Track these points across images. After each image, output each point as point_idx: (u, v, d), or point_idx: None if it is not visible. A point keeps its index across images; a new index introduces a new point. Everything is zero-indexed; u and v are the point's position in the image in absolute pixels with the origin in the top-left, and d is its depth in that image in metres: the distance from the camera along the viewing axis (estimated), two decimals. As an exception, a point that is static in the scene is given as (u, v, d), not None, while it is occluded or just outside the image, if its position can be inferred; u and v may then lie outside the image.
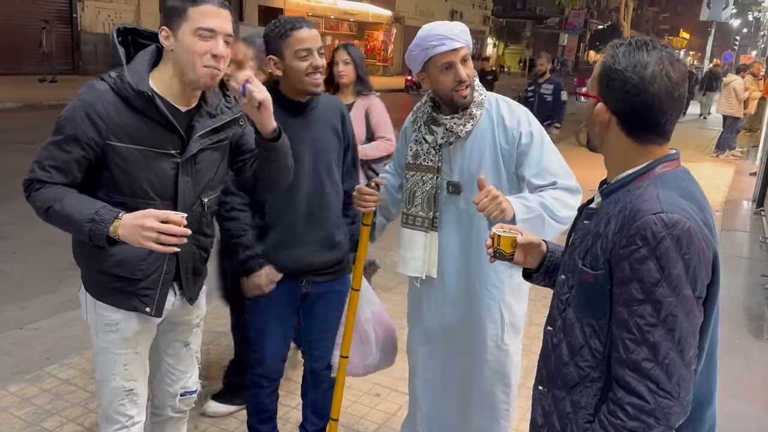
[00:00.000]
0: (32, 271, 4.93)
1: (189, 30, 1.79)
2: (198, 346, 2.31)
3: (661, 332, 1.23)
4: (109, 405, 2.06)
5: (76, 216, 1.78)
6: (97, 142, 1.81)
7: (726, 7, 23.67)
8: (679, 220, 1.23)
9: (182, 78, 1.85)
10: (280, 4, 25.16)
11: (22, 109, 12.53)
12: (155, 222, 1.70)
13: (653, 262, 1.23)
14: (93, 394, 3.23)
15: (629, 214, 1.27)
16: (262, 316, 2.51)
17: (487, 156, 2.22)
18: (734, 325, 4.56)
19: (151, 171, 1.87)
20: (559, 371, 1.42)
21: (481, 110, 2.23)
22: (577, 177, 2.22)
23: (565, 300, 1.43)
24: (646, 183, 1.32)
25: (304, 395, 2.83)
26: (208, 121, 1.95)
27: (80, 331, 3.84)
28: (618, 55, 1.32)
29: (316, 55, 2.27)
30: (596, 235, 1.35)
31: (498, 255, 1.68)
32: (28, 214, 2.32)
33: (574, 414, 1.39)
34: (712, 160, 12.47)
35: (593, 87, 1.38)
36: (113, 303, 1.97)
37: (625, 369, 1.26)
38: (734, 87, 12.80)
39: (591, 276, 1.34)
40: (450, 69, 2.14)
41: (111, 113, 1.80)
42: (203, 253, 2.14)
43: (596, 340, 1.35)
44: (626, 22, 22.68)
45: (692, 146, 13.78)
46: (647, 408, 1.24)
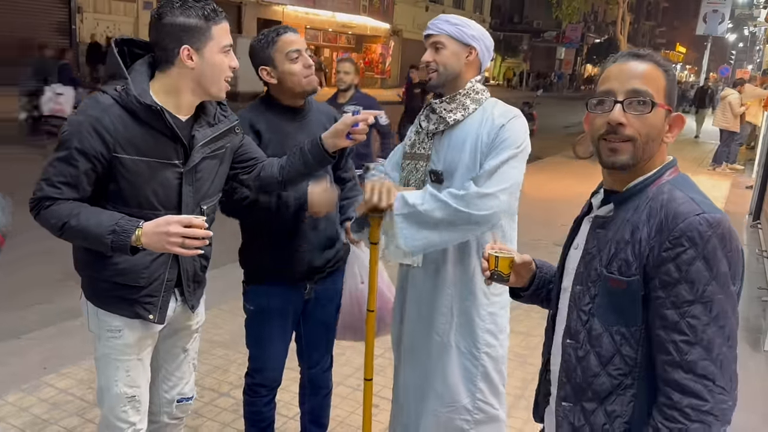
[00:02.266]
0: (30, 281, 4.93)
1: (216, 48, 1.88)
2: (195, 353, 2.33)
3: (714, 329, 1.25)
4: (111, 412, 2.06)
5: (94, 229, 1.80)
6: (105, 155, 1.83)
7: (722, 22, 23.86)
8: (721, 219, 1.28)
9: (203, 92, 1.93)
10: (278, 17, 25.30)
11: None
12: (180, 228, 1.76)
13: (701, 262, 1.25)
14: (90, 403, 3.22)
15: (667, 217, 1.29)
16: (263, 324, 2.51)
17: (467, 148, 2.21)
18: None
19: (156, 181, 1.91)
20: (590, 383, 1.40)
21: (477, 106, 2.26)
22: (573, 189, 2.23)
23: (587, 310, 1.41)
24: (666, 187, 1.35)
25: (302, 404, 2.82)
26: (208, 131, 1.98)
27: (77, 341, 3.83)
28: (670, 66, 1.41)
29: (305, 55, 2.35)
30: (622, 242, 1.35)
31: (496, 277, 1.65)
32: (26, 225, 2.33)
33: (610, 424, 1.38)
34: (709, 173, 12.53)
35: (660, 98, 1.36)
36: (116, 311, 1.99)
37: (679, 371, 1.26)
38: (730, 101, 12.87)
39: (623, 282, 1.33)
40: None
41: (118, 126, 1.82)
42: (203, 261, 2.16)
43: (627, 347, 1.35)
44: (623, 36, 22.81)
45: (688, 159, 13.86)
46: (706, 407, 1.25)
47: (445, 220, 2.13)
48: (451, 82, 2.25)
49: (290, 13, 26.41)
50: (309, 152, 2.13)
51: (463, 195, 2.11)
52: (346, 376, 3.69)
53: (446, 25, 2.22)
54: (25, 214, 1.93)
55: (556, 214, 6.47)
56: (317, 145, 2.12)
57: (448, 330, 2.32)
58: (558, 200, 8.13)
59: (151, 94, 1.87)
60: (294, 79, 2.33)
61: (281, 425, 3.15)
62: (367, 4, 30.83)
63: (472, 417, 2.34)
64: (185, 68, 1.87)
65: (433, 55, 2.23)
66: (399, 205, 2.15)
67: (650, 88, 1.35)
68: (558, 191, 8.84)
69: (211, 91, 1.94)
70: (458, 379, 2.33)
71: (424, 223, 2.14)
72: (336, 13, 29.10)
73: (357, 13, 30.18)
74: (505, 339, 2.39)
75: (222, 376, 3.61)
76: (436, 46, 2.23)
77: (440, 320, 2.32)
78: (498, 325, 2.34)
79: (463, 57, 2.23)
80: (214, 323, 3.85)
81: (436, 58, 2.23)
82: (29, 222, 2.06)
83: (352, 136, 2.09)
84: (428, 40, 2.25)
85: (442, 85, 2.25)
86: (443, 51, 2.22)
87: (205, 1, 1.87)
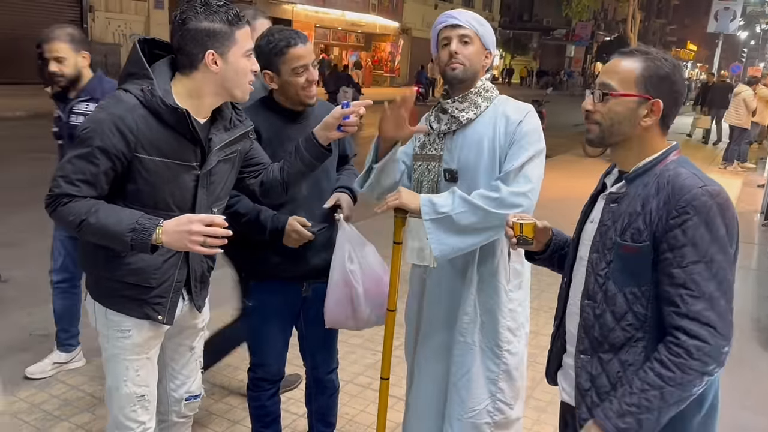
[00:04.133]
0: (41, 278, 4.95)
1: (240, 53, 1.89)
2: (201, 351, 2.34)
3: (714, 284, 1.46)
4: (120, 411, 2.07)
5: (113, 228, 1.79)
6: (126, 154, 1.82)
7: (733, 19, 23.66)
8: (720, 190, 1.49)
9: (228, 95, 1.95)
10: (288, 15, 25.33)
11: (33, 118, 12.65)
12: (202, 226, 1.79)
13: (704, 227, 1.46)
14: (101, 400, 3.24)
15: (673, 190, 1.50)
16: (262, 320, 2.52)
17: (485, 146, 2.21)
18: (742, 337, 4.53)
19: (175, 183, 1.92)
20: (606, 336, 1.61)
21: (489, 104, 2.25)
22: (584, 187, 2.22)
23: (603, 274, 1.61)
24: (671, 166, 1.57)
25: (308, 403, 2.83)
26: (225, 135, 2.00)
27: (88, 338, 3.85)
28: (661, 60, 1.58)
29: (311, 69, 2.33)
30: (634, 214, 1.55)
31: (522, 242, 1.84)
32: (39, 223, 2.35)
33: (623, 372, 1.58)
34: (720, 172, 12.42)
35: (630, 88, 1.58)
36: (124, 311, 1.99)
37: (685, 319, 1.46)
38: (744, 97, 12.76)
39: (636, 248, 1.54)
40: (447, 45, 2.23)
41: (141, 127, 1.82)
42: (210, 262, 2.18)
43: (638, 305, 1.56)
44: (633, 33, 22.68)
45: (699, 158, 13.75)
46: (707, 348, 1.44)
47: (477, 223, 2.12)
48: (469, 81, 2.25)
49: (300, 12, 26.44)
50: (305, 149, 2.15)
51: (496, 198, 2.11)
52: (356, 374, 3.69)
53: (476, 23, 2.22)
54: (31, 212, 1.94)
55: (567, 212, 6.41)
56: (311, 141, 2.13)
57: (473, 330, 2.31)
58: (568, 199, 8.06)
59: (173, 96, 1.88)
60: (293, 90, 2.33)
61: (290, 423, 3.16)
62: (376, 2, 30.82)
63: (492, 419, 2.34)
64: (209, 72, 1.88)
65: (462, 48, 2.21)
66: (428, 210, 2.14)
67: (614, 81, 1.59)
68: (568, 190, 8.78)
69: (235, 95, 1.95)
70: (481, 381, 2.32)
71: (455, 228, 2.13)
72: (345, 12, 29.12)
73: (366, 11, 30.19)
74: (524, 336, 2.39)
75: (233, 373, 3.63)
76: (464, 40, 2.21)
77: (464, 320, 2.31)
78: (516, 321, 2.34)
79: (482, 59, 2.25)
80: (225, 321, 3.86)
81: (464, 51, 2.21)
82: (35, 220, 2.05)
83: (344, 129, 2.09)
84: (454, 30, 2.21)
85: (465, 79, 2.23)
86: (470, 47, 2.21)
87: (228, 5, 1.88)
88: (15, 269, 5.01)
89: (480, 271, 2.29)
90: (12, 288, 4.73)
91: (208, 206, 2.02)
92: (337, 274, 2.39)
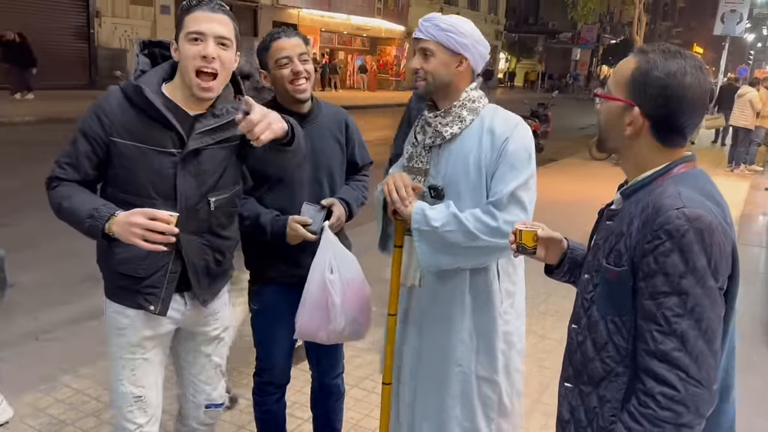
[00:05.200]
0: (48, 282, 4.98)
1: (183, 36, 1.88)
2: (222, 359, 2.32)
3: (689, 322, 1.27)
4: (119, 411, 2.10)
5: (78, 213, 1.86)
6: (102, 137, 1.89)
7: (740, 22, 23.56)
8: (700, 214, 1.29)
9: (184, 83, 1.92)
10: (294, 20, 25.40)
11: (42, 122, 12.71)
12: (142, 219, 1.75)
13: (677, 254, 1.27)
14: (106, 404, 3.24)
15: (651, 210, 1.33)
16: (266, 323, 2.51)
17: (470, 163, 2.10)
18: (752, 341, 4.49)
19: (151, 168, 1.91)
20: (585, 367, 1.47)
21: (474, 116, 2.14)
22: (591, 192, 2.19)
23: (589, 298, 1.47)
24: (667, 182, 1.38)
25: (313, 408, 2.82)
26: (210, 121, 1.97)
27: (94, 342, 3.86)
28: (655, 61, 1.37)
29: (296, 61, 2.30)
30: (619, 234, 1.40)
31: (521, 249, 1.75)
32: (46, 227, 2.35)
33: (600, 408, 1.44)
34: (727, 174, 12.38)
35: (620, 91, 1.42)
36: (121, 301, 2.02)
37: (654, 360, 1.30)
38: (750, 98, 12.72)
39: (615, 273, 1.38)
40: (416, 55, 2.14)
41: (116, 110, 1.89)
42: (217, 255, 2.11)
43: (619, 337, 1.40)
44: (639, 36, 22.62)
45: (706, 161, 13.70)
46: (678, 397, 1.27)
47: (463, 243, 2.04)
48: (442, 92, 2.13)
49: (305, 16, 26.51)
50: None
51: (493, 226, 2.02)
52: (361, 379, 3.68)
53: (436, 30, 2.07)
54: (43, 216, 1.96)
55: (573, 217, 6.41)
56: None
57: (470, 357, 2.21)
58: (575, 203, 8.03)
59: (162, 88, 1.93)
60: (281, 83, 2.31)
61: (295, 428, 3.15)
62: (381, 6, 30.87)
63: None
64: (178, 62, 1.92)
65: (422, 62, 2.09)
66: (419, 219, 2.07)
67: (611, 82, 1.45)
68: (574, 193, 8.74)
69: (186, 81, 1.90)
70: (478, 409, 2.24)
71: (440, 245, 2.06)
72: (351, 16, 29.16)
73: (372, 15, 30.22)
74: (516, 354, 2.30)
75: (237, 377, 3.62)
76: (425, 53, 2.08)
77: (460, 348, 2.20)
78: (509, 343, 2.27)
79: (453, 67, 2.09)
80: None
81: (424, 65, 2.09)
82: (46, 224, 2.08)
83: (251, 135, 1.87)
84: (417, 43, 2.11)
85: (429, 94, 2.14)
86: (432, 59, 2.08)
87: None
88: (22, 274, 5.01)
89: (473, 296, 2.20)
90: (19, 292, 4.72)
91: (201, 195, 1.99)
92: (314, 283, 2.31)
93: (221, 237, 2.10)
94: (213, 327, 2.22)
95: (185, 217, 1.92)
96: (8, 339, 3.97)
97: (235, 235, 2.19)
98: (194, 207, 1.98)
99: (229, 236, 2.14)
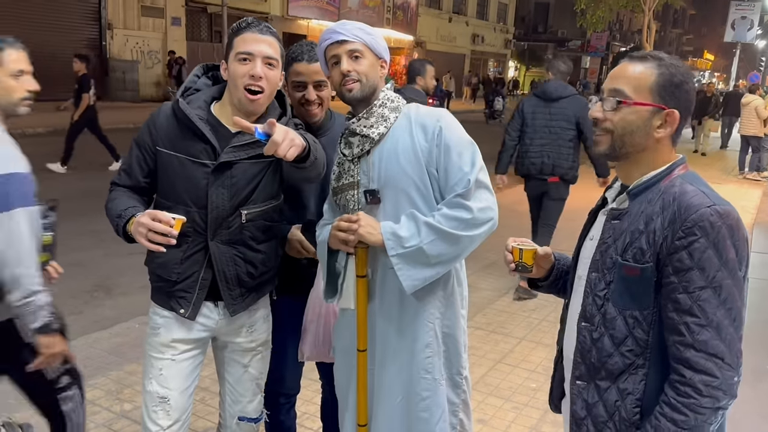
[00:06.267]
0: (59, 292, 4.98)
1: (233, 57, 1.99)
2: (260, 373, 2.32)
3: (723, 312, 1.36)
4: (145, 409, 2.14)
5: (112, 213, 2.02)
6: (150, 147, 2.06)
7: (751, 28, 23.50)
8: (729, 210, 1.39)
9: (233, 101, 2.03)
10: (303, 31, 25.59)
11: (52, 134, 12.84)
12: (147, 219, 1.85)
13: (712, 250, 1.36)
14: (118, 414, 3.26)
15: (677, 209, 1.40)
16: (276, 334, 2.51)
17: (403, 156, 2.03)
18: (763, 348, 4.44)
19: (186, 178, 2.03)
20: (603, 363, 1.51)
21: (398, 114, 2.09)
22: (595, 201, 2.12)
23: (602, 295, 1.52)
24: (677, 182, 1.46)
25: (324, 418, 2.81)
26: (246, 137, 2.02)
27: (105, 352, 3.88)
28: (675, 66, 1.48)
29: (310, 89, 2.31)
30: (636, 232, 1.46)
31: (520, 268, 1.76)
32: (57, 238, 2.37)
33: (621, 401, 1.49)
34: (738, 182, 12.27)
35: (644, 96, 1.47)
36: (157, 302, 2.15)
37: (690, 350, 1.37)
38: (756, 106, 12.65)
39: (637, 269, 1.44)
40: (337, 64, 2.04)
41: (163, 123, 2.05)
42: (250, 267, 2.12)
43: (640, 330, 1.46)
44: (649, 44, 22.57)
45: (716, 168, 13.61)
46: (716, 383, 1.36)
47: (448, 249, 1.96)
48: (368, 97, 2.07)
49: (315, 28, 26.68)
50: None
51: (468, 218, 1.95)
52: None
53: (362, 33, 2.03)
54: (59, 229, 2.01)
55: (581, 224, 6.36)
56: None
57: (437, 362, 2.11)
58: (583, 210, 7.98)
59: (211, 106, 2.08)
60: (294, 103, 2.33)
61: (305, 438, 3.14)
62: (390, 16, 31.03)
63: None
64: (228, 81, 2.04)
65: (353, 64, 2.01)
66: (393, 245, 1.95)
67: (627, 88, 1.48)
68: (583, 201, 8.68)
69: (235, 98, 2.02)
70: (447, 416, 2.14)
71: (425, 260, 1.96)
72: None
73: (381, 25, 30.37)
74: (465, 354, 2.22)
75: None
76: (355, 55, 2.02)
77: (426, 353, 2.09)
78: (467, 342, 2.21)
79: (378, 69, 2.08)
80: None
81: (356, 67, 2.01)
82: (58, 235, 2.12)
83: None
84: (341, 46, 2.01)
85: (364, 97, 2.05)
86: (363, 61, 2.03)
87: (248, 20, 2.01)
88: (34, 284, 5.05)
89: (441, 301, 2.11)
90: (30, 302, 4.76)
91: (233, 207, 2.04)
92: (314, 311, 2.33)
93: (254, 250, 2.13)
94: (247, 339, 2.24)
95: (216, 226, 2.03)
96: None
97: (270, 251, 2.18)
98: (226, 218, 2.04)
99: (263, 250, 2.16)
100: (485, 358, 4.16)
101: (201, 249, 2.06)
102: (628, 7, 26.04)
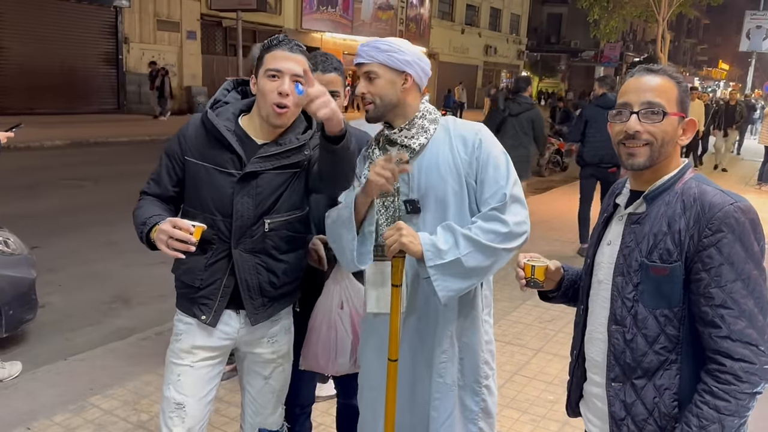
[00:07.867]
0: (78, 303, 5.05)
1: (263, 73, 2.03)
2: (280, 386, 2.32)
3: (752, 301, 1.45)
4: (162, 415, 2.15)
5: (137, 220, 2.05)
6: (179, 156, 2.12)
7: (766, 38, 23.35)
8: (750, 206, 1.48)
9: (260, 114, 2.07)
10: (317, 43, 25.75)
11: (69, 147, 13.00)
12: (168, 226, 1.90)
13: (739, 244, 1.44)
14: (134, 425, 3.27)
15: (703, 208, 1.48)
16: (294, 346, 2.51)
17: (444, 167, 2.07)
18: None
19: (212, 187, 2.07)
20: (639, 362, 1.57)
21: (436, 126, 2.14)
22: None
23: (631, 297, 1.58)
24: (692, 183, 1.55)
25: (339, 429, 2.80)
26: (272, 148, 2.08)
27: (123, 363, 3.91)
28: (681, 77, 1.59)
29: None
30: (660, 234, 1.53)
31: (532, 284, 1.82)
32: (76, 249, 2.40)
33: (659, 397, 1.56)
34: (756, 192, 12.16)
35: (673, 108, 1.55)
36: (181, 308, 2.18)
37: (727, 340, 1.44)
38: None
39: (666, 269, 1.51)
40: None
41: (192, 134, 2.12)
42: (272, 277, 2.14)
43: (671, 327, 1.53)
44: (663, 54, 22.51)
45: (734, 178, 13.50)
46: (753, 369, 1.43)
47: (484, 261, 1.99)
48: (393, 112, 2.11)
49: (328, 40, 26.88)
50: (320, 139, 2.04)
51: (506, 232, 1.99)
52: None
53: (376, 53, 2.08)
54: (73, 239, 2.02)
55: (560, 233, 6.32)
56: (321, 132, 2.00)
57: (451, 368, 2.13)
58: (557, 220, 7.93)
59: (238, 119, 2.13)
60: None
61: (321, 449, 3.13)
62: (403, 28, 31.17)
63: None
64: (256, 95, 2.08)
65: (367, 86, 2.08)
66: (432, 256, 1.96)
67: (662, 100, 1.54)
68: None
69: (262, 113, 2.05)
70: (460, 424, 2.16)
71: (462, 271, 1.98)
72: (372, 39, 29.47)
73: (394, 37, 30.51)
74: (491, 359, 2.23)
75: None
76: (370, 76, 2.08)
77: (442, 358, 2.13)
78: (492, 353, 2.23)
79: (399, 84, 2.08)
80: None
81: (370, 89, 2.07)
82: (76, 247, 2.13)
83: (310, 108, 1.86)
84: (360, 68, 2.10)
85: (379, 117, 2.11)
86: (377, 81, 2.07)
87: (278, 37, 2.05)
88: (52, 294, 5.12)
89: (461, 308, 2.14)
90: (49, 313, 4.82)
91: (257, 216, 2.07)
92: (319, 321, 2.32)
93: (276, 259, 2.14)
94: (269, 350, 2.24)
95: (240, 235, 2.06)
96: (39, 358, 4.04)
97: (293, 261, 2.19)
98: (250, 227, 2.07)
99: (286, 260, 2.16)
100: (501, 369, 4.13)
101: (225, 257, 2.08)
102: (641, 17, 26.02)
